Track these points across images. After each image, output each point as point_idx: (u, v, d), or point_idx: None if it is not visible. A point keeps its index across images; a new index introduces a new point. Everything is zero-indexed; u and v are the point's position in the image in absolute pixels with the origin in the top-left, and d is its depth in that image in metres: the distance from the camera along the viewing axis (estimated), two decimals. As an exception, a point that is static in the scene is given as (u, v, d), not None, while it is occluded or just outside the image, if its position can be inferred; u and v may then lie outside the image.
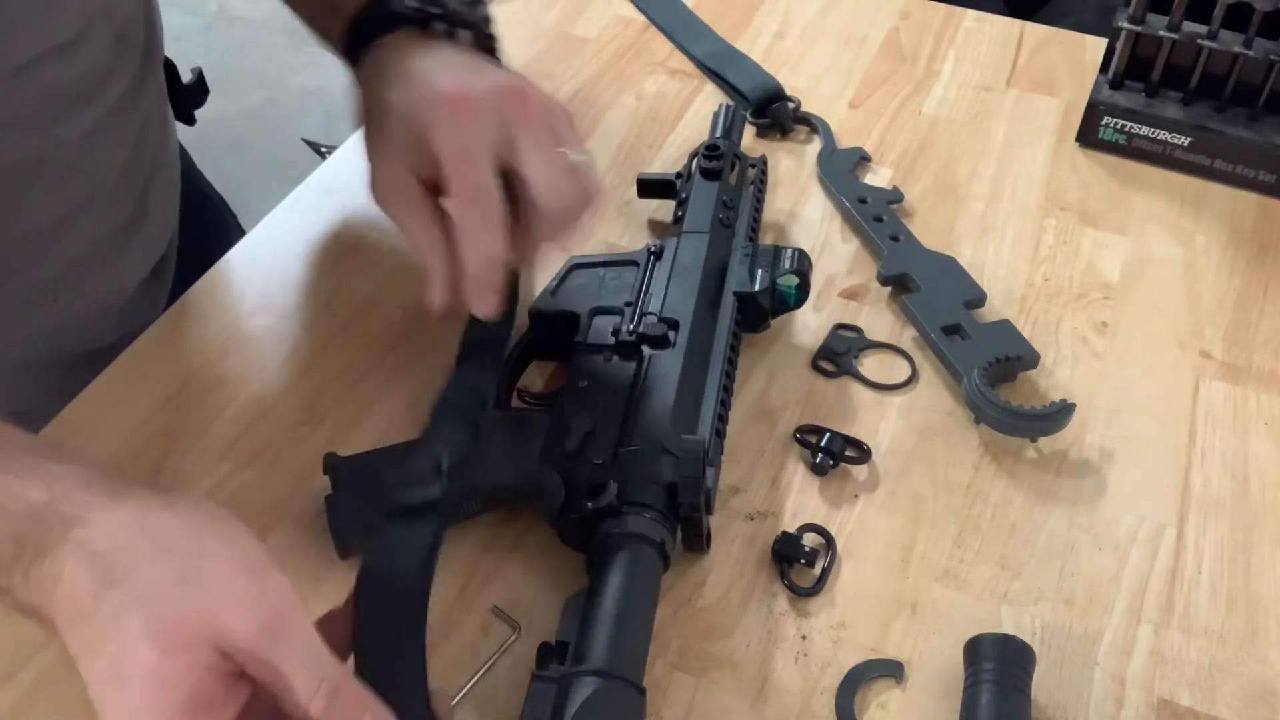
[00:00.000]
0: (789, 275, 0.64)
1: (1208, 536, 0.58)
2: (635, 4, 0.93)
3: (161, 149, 0.75)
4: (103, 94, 0.65)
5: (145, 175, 0.72)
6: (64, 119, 0.63)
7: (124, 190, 0.70)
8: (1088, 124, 0.79)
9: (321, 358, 0.67)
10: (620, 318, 0.62)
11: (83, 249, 0.68)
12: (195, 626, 0.40)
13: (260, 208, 0.77)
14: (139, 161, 0.71)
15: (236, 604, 0.40)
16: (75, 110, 0.63)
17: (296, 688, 0.40)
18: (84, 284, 0.69)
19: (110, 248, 0.70)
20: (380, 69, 0.57)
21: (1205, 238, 0.74)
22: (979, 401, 0.61)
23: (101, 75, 0.65)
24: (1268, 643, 0.54)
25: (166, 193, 0.77)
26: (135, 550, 0.41)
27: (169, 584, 0.40)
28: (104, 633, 0.40)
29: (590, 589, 0.51)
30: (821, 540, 0.57)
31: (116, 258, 0.71)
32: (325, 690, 0.41)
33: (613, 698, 0.46)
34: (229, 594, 0.41)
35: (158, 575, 0.40)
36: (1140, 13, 0.76)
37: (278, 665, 0.40)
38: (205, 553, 0.42)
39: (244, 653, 0.40)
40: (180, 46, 2.05)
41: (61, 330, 0.70)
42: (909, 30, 0.91)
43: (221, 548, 0.42)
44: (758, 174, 0.74)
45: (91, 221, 0.68)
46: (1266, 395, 0.64)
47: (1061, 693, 0.52)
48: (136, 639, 0.39)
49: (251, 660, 0.40)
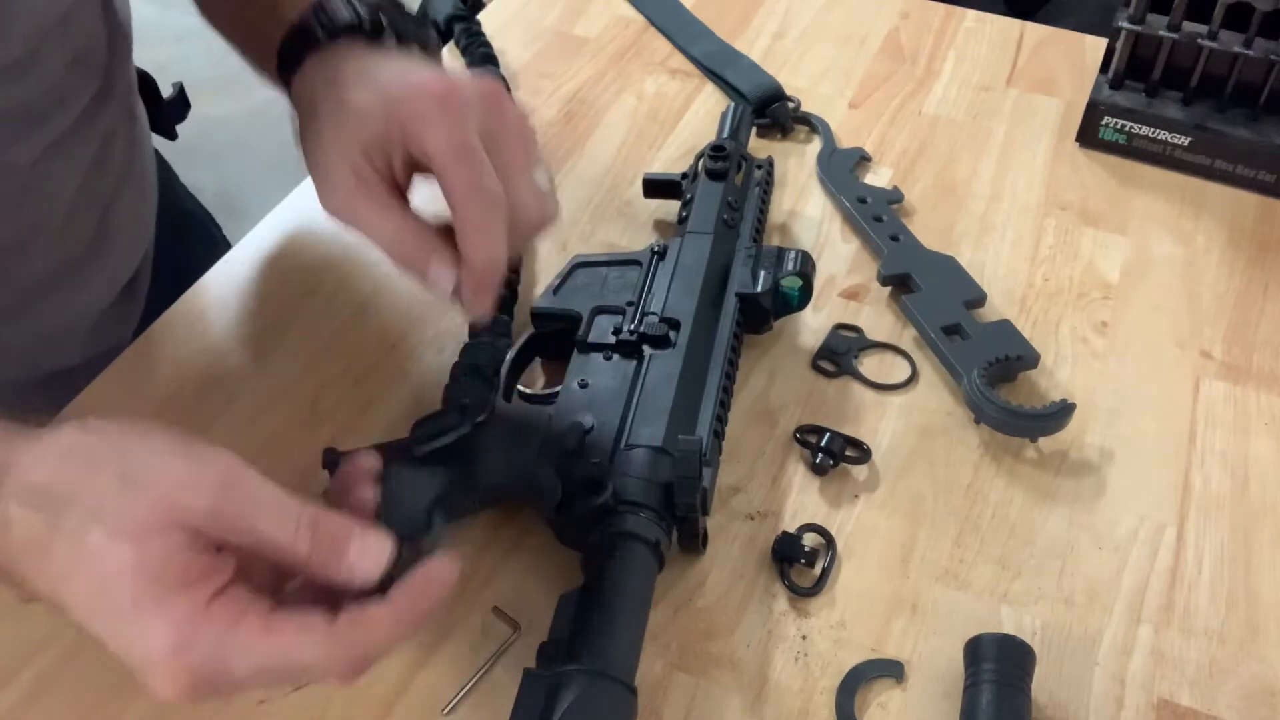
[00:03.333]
0: (792, 277, 0.64)
1: (1208, 536, 0.58)
2: (635, 5, 0.93)
3: (128, 168, 0.73)
4: (55, 117, 0.64)
5: (107, 196, 0.71)
6: (13, 142, 0.61)
7: (82, 212, 0.68)
8: (1088, 124, 0.79)
9: (321, 358, 0.67)
10: (622, 317, 0.62)
11: (41, 272, 0.67)
12: (155, 515, 0.40)
13: (260, 208, 0.77)
14: (99, 183, 0.69)
15: (184, 483, 0.41)
16: (26, 133, 0.62)
17: (274, 536, 0.41)
18: (45, 306, 0.68)
19: (71, 270, 0.69)
20: (333, 74, 0.54)
21: (1205, 238, 0.74)
22: (979, 401, 0.61)
23: (55, 98, 0.63)
24: (1268, 643, 0.54)
25: (135, 212, 0.75)
26: (69, 474, 0.41)
27: (114, 491, 0.40)
28: (71, 555, 0.40)
29: (584, 587, 0.51)
30: (821, 540, 0.57)
31: (78, 280, 0.70)
32: (304, 528, 0.41)
33: (603, 696, 0.46)
34: (173, 478, 0.41)
35: (100, 487, 0.40)
36: (1140, 13, 0.76)
37: (247, 523, 0.41)
38: (134, 454, 0.42)
39: (211, 522, 0.40)
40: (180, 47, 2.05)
41: (25, 352, 0.69)
42: (909, 30, 0.91)
43: (147, 445, 0.42)
44: (764, 175, 0.74)
45: (48, 244, 0.67)
46: (1266, 395, 0.64)
47: (1061, 693, 0.52)
48: (105, 544, 0.39)
49: (222, 528, 0.40)
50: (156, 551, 0.39)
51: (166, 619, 0.39)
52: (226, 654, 0.39)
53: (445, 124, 0.49)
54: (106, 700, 0.52)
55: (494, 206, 0.49)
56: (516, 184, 0.50)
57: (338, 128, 0.51)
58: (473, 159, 0.49)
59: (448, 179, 0.49)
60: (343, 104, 0.51)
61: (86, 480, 0.41)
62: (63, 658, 0.53)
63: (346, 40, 0.55)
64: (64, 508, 0.40)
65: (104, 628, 0.40)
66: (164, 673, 0.39)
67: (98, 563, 0.39)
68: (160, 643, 0.39)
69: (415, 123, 0.49)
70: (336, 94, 0.52)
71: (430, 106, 0.49)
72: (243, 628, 0.40)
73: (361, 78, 0.52)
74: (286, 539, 0.41)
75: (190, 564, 0.40)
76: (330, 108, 0.52)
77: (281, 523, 0.41)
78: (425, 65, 0.54)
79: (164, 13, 0.72)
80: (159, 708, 0.51)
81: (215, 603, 0.40)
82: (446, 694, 0.52)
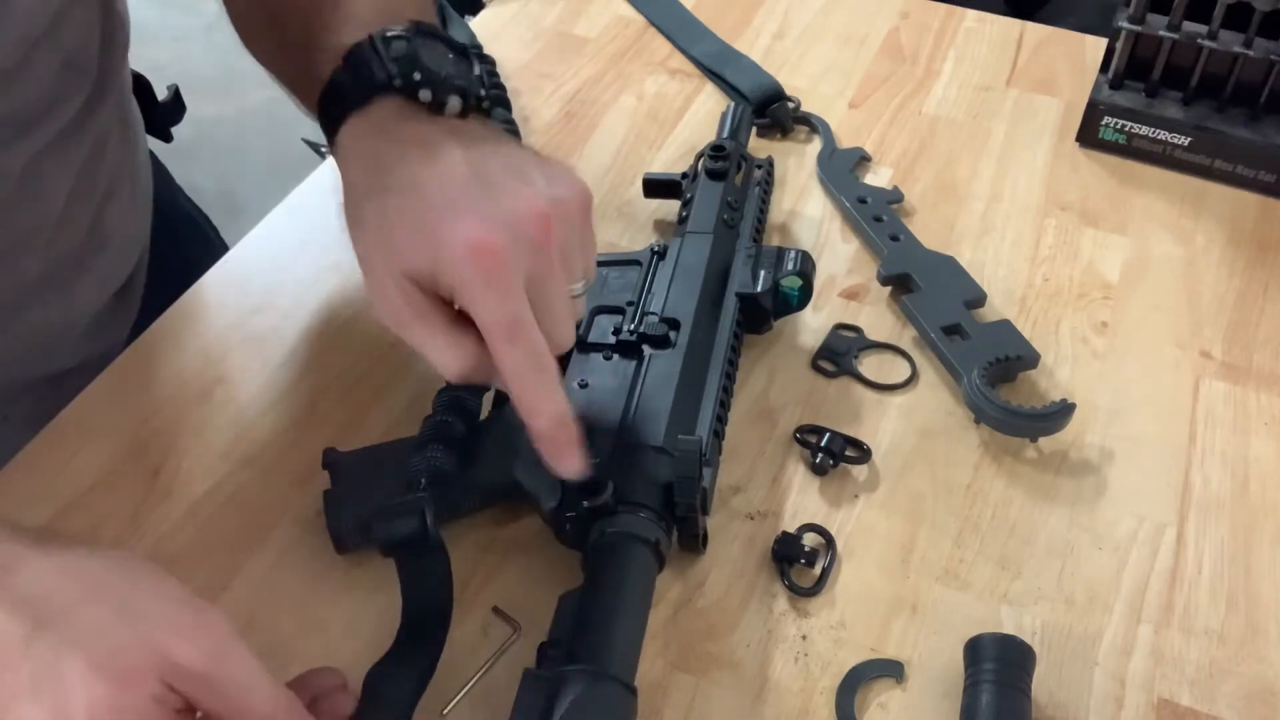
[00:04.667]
0: (792, 277, 0.64)
1: (1208, 536, 0.58)
2: (635, 5, 0.93)
3: (121, 171, 0.72)
4: (47, 122, 0.63)
5: (99, 200, 0.70)
6: (3, 149, 0.61)
7: (75, 216, 0.68)
8: (1088, 124, 0.79)
9: (321, 358, 0.67)
10: (622, 317, 0.62)
11: (34, 275, 0.66)
12: (141, 657, 0.39)
13: (260, 208, 0.77)
14: (90, 187, 0.69)
15: (180, 633, 0.40)
16: (16, 139, 0.61)
17: (255, 707, 0.40)
18: (39, 309, 0.68)
19: (65, 273, 0.68)
20: (369, 155, 0.51)
21: (1205, 238, 0.74)
22: (979, 401, 0.61)
23: (46, 103, 0.63)
24: (1268, 643, 0.54)
25: (128, 215, 0.75)
26: (66, 592, 0.40)
27: (108, 620, 0.39)
28: (41, 678, 0.38)
29: (584, 587, 0.51)
30: (821, 540, 0.57)
31: (71, 283, 0.69)
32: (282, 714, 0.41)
33: (603, 696, 0.46)
34: (170, 625, 0.40)
35: (94, 613, 0.40)
36: (1140, 13, 0.76)
37: (229, 689, 0.40)
38: (139, 590, 0.41)
39: (194, 682, 0.39)
40: (180, 46, 2.06)
41: (20, 354, 0.69)
42: (909, 30, 0.91)
43: (154, 585, 0.42)
44: (764, 175, 0.74)
45: (41, 248, 0.66)
46: (1266, 395, 0.64)
47: (1061, 693, 0.52)
48: (81, 676, 0.38)
49: (203, 689, 0.40)
50: (131, 700, 0.38)
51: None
52: None
53: (491, 298, 0.46)
54: (106, 700, 0.52)
55: (546, 376, 0.48)
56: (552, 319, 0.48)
57: (382, 243, 0.48)
58: (519, 336, 0.47)
59: (497, 353, 0.47)
60: (385, 214, 0.48)
61: (83, 602, 0.40)
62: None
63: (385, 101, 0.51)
64: (48, 624, 0.39)
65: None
66: None
67: (67, 697, 0.38)
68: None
69: (461, 288, 0.46)
70: (381, 184, 0.49)
71: (474, 275, 0.46)
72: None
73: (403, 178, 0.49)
74: (266, 710, 0.41)
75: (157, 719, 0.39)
76: (374, 208, 0.49)
77: (264, 702, 0.41)
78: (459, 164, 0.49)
79: (164, 13, 0.72)
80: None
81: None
82: (446, 694, 0.52)
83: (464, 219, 0.46)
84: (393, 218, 0.48)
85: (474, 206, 0.47)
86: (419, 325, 0.48)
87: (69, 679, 0.38)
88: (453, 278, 0.46)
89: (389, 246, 0.48)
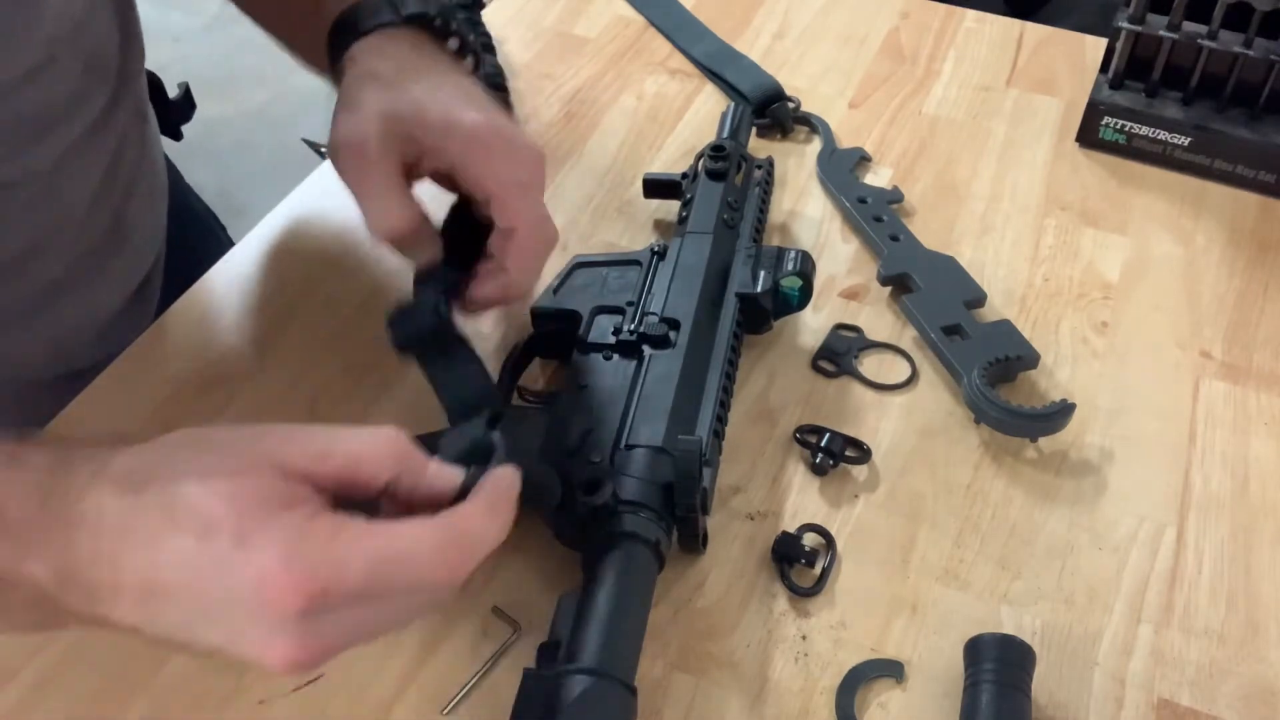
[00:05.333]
0: (792, 277, 0.64)
1: (1208, 536, 0.58)
2: (635, 5, 0.93)
3: (139, 170, 0.74)
4: (72, 121, 0.65)
5: (119, 199, 0.71)
6: (33, 146, 0.62)
7: (97, 215, 0.69)
8: (1088, 124, 0.79)
9: (321, 358, 0.67)
10: (622, 317, 0.62)
11: (57, 273, 0.67)
12: (244, 460, 0.39)
13: (260, 208, 0.77)
14: (112, 186, 0.70)
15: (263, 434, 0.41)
16: (44, 137, 0.63)
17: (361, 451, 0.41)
18: (61, 308, 0.69)
19: (85, 272, 0.69)
20: (393, 56, 0.55)
21: (1205, 238, 0.74)
22: (979, 401, 0.61)
23: (71, 102, 0.64)
24: (1268, 643, 0.54)
25: (147, 214, 0.76)
26: (156, 454, 0.40)
27: (198, 456, 0.40)
28: (168, 511, 0.38)
29: (584, 587, 0.51)
30: (821, 540, 0.57)
31: (92, 282, 0.70)
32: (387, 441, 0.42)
33: (603, 697, 0.46)
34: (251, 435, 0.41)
35: (185, 456, 0.40)
36: (1140, 13, 0.76)
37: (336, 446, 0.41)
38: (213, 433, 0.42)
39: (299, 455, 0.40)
40: (180, 46, 2.06)
41: (37, 354, 0.69)
42: (909, 30, 0.91)
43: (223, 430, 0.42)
44: (763, 175, 0.74)
45: (64, 247, 0.67)
46: (1266, 395, 0.64)
47: (1061, 693, 0.52)
48: (199, 489, 0.38)
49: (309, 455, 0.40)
50: (253, 483, 0.39)
51: (272, 537, 0.37)
52: (339, 557, 0.38)
53: (511, 161, 0.53)
54: (106, 700, 0.52)
55: (550, 241, 0.55)
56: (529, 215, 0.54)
57: (386, 101, 0.52)
58: (529, 195, 0.53)
59: (511, 207, 0.53)
60: (403, 87, 0.53)
61: (173, 454, 0.40)
62: (63, 658, 0.53)
63: (417, 29, 0.57)
64: (149, 480, 0.39)
65: (203, 584, 0.37)
66: (277, 592, 0.37)
67: (194, 509, 0.38)
68: (269, 560, 0.37)
69: (479, 152, 0.52)
70: (401, 70, 0.54)
71: (501, 145, 0.52)
72: (349, 531, 0.39)
73: (433, 75, 0.54)
74: (374, 453, 0.41)
75: (285, 492, 0.39)
76: (388, 80, 0.53)
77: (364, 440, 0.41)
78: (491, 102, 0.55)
79: (164, 13, 0.73)
80: (158, 707, 0.51)
81: (318, 518, 0.39)
82: (446, 694, 0.52)
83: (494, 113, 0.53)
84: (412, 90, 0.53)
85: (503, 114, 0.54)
86: (377, 170, 0.52)
87: (193, 496, 0.38)
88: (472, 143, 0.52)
89: (392, 105, 0.52)
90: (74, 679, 0.52)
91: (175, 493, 0.38)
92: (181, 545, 0.38)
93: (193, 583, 0.38)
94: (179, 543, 0.38)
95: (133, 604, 0.39)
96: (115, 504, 0.39)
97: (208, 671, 0.52)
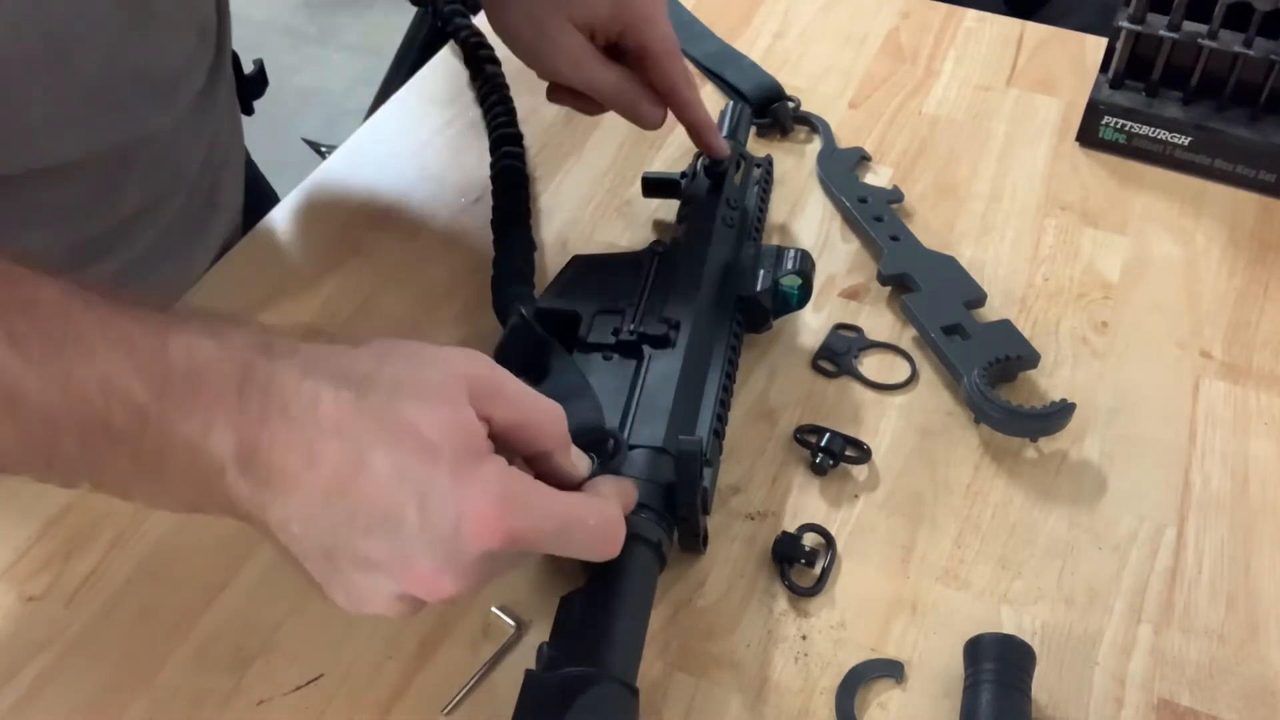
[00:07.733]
0: (791, 276, 0.64)
1: (1208, 536, 0.58)
2: (635, 4, 0.93)
3: (232, 140, 0.78)
4: (186, 85, 0.68)
5: (218, 167, 0.75)
6: (154, 107, 0.65)
7: (201, 182, 0.73)
8: (1088, 124, 0.79)
9: (321, 357, 0.67)
10: (622, 317, 0.62)
11: (160, 237, 0.70)
12: (451, 387, 0.41)
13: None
14: (214, 154, 0.74)
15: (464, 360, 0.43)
16: (163, 98, 0.66)
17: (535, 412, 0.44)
18: (157, 271, 0.70)
19: (184, 236, 0.72)
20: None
21: (1205, 238, 0.74)
22: (979, 401, 0.61)
23: (186, 68, 0.68)
24: (1268, 643, 0.54)
25: (234, 184, 0.79)
26: (364, 362, 0.41)
27: (408, 371, 0.41)
28: (386, 425, 0.39)
29: (585, 588, 0.51)
30: (821, 540, 0.57)
31: (189, 246, 0.73)
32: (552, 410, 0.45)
33: (605, 698, 0.46)
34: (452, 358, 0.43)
35: (395, 369, 0.41)
36: (1140, 12, 0.76)
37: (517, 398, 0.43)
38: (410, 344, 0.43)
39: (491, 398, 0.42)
40: (180, 46, 2.03)
41: None
42: (909, 30, 0.91)
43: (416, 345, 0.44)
44: (762, 174, 0.74)
45: (171, 211, 0.70)
46: (1266, 395, 0.64)
47: (1061, 693, 0.52)
48: (420, 411, 0.40)
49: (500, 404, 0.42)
50: (467, 418, 0.41)
51: (486, 477, 0.40)
52: (536, 506, 0.41)
53: (665, 27, 0.65)
54: (106, 700, 0.52)
55: (695, 85, 0.68)
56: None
57: (559, 9, 0.63)
58: (682, 57, 0.67)
59: (666, 66, 0.66)
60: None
61: (384, 365, 0.41)
62: (63, 658, 0.53)
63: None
64: (368, 385, 0.40)
65: (403, 500, 0.39)
66: (480, 528, 0.39)
67: (415, 427, 0.39)
68: (481, 498, 0.39)
69: (643, 22, 0.65)
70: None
71: (655, 12, 0.65)
72: (541, 489, 0.42)
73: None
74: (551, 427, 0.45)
75: (483, 434, 0.41)
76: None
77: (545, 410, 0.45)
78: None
79: (163, 12, 0.73)
80: (159, 707, 0.51)
81: (514, 470, 0.42)
82: (446, 694, 0.52)
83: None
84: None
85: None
86: (594, 63, 0.65)
87: (412, 417, 0.39)
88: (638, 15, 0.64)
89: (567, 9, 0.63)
90: (74, 679, 0.52)
91: (397, 408, 0.40)
92: (397, 460, 0.39)
93: (393, 495, 0.39)
94: (396, 457, 0.39)
95: (313, 498, 0.39)
96: (332, 398, 0.39)
97: (208, 671, 0.53)
